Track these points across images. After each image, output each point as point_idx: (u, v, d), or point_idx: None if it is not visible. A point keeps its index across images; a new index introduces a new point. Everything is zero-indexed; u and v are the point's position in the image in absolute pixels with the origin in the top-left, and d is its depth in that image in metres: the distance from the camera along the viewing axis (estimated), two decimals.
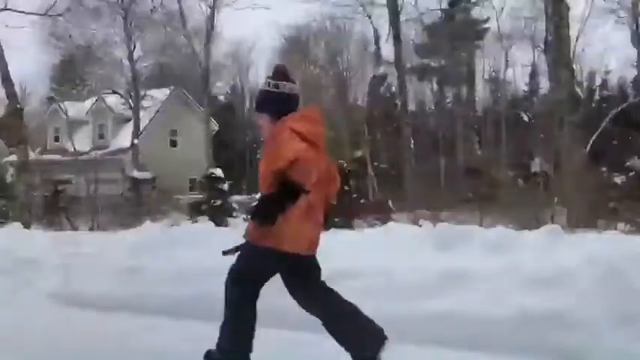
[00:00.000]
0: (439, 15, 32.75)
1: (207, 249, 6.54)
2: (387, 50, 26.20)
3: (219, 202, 12.83)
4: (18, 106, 16.01)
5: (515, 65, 36.31)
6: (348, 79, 33.38)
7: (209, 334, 4.88)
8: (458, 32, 31.74)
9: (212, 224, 7.14)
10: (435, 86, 36.76)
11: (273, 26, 49.97)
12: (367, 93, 33.01)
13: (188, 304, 5.80)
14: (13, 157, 28.94)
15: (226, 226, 10.32)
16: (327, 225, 3.75)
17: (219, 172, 13.40)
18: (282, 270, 3.40)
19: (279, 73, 3.47)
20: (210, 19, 25.16)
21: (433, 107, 37.45)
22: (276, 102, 3.36)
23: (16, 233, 8.75)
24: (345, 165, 15.34)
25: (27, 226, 11.76)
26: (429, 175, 21.55)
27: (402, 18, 21.48)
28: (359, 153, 26.18)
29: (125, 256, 6.89)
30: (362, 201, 16.70)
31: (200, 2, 25.43)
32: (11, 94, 15.87)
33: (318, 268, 3.48)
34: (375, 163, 27.61)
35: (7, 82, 15.66)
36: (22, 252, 7.82)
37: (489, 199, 16.80)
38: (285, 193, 3.13)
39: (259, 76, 43.78)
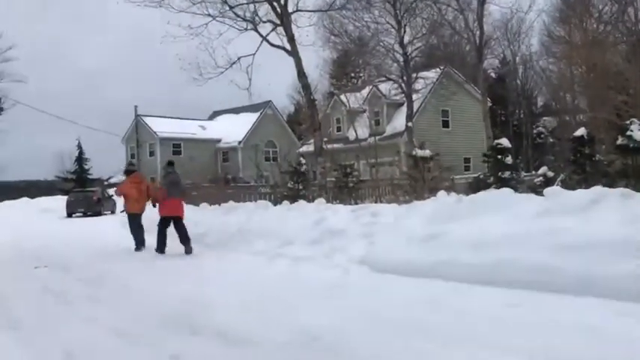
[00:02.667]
0: None
1: (507, 215, 6.22)
2: None
3: (506, 175, 12.13)
4: (312, 97, 17.97)
5: None
6: None
7: (514, 301, 4.60)
8: None
9: (511, 190, 6.71)
10: None
11: None
12: None
13: (490, 270, 5.57)
14: (304, 149, 32.66)
15: None
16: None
17: (505, 142, 12.62)
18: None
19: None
20: None
21: None
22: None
23: (322, 207, 9.67)
24: None
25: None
26: None
27: None
28: None
29: (422, 224, 6.97)
30: None
31: None
32: (306, 86, 17.88)
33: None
34: None
35: (302, 75, 17.66)
36: (328, 223, 8.60)
37: None
38: None
39: (531, 45, 40.81)
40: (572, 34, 29.71)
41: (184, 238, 9.30)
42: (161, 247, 9.47)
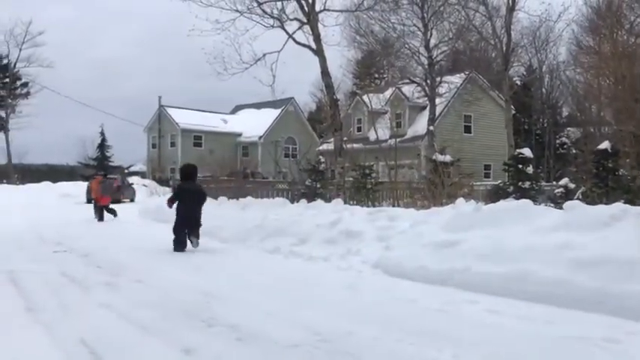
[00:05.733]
0: None
1: (525, 227, 6.18)
2: None
3: (527, 185, 12.02)
4: (334, 96, 18.03)
5: None
6: None
7: (527, 313, 4.58)
8: None
9: (530, 201, 6.68)
10: None
11: None
12: None
13: (505, 281, 5.54)
14: (324, 147, 32.73)
15: None
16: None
17: (527, 152, 12.52)
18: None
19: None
20: None
21: None
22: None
23: (340, 208, 9.69)
24: None
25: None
26: None
27: None
28: None
29: (439, 231, 6.96)
30: None
31: None
32: (329, 86, 17.94)
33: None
34: None
35: (326, 75, 17.72)
36: (345, 224, 8.62)
37: None
38: None
39: (559, 54, 40.24)
40: (601, 45, 29.26)
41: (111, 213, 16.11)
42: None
